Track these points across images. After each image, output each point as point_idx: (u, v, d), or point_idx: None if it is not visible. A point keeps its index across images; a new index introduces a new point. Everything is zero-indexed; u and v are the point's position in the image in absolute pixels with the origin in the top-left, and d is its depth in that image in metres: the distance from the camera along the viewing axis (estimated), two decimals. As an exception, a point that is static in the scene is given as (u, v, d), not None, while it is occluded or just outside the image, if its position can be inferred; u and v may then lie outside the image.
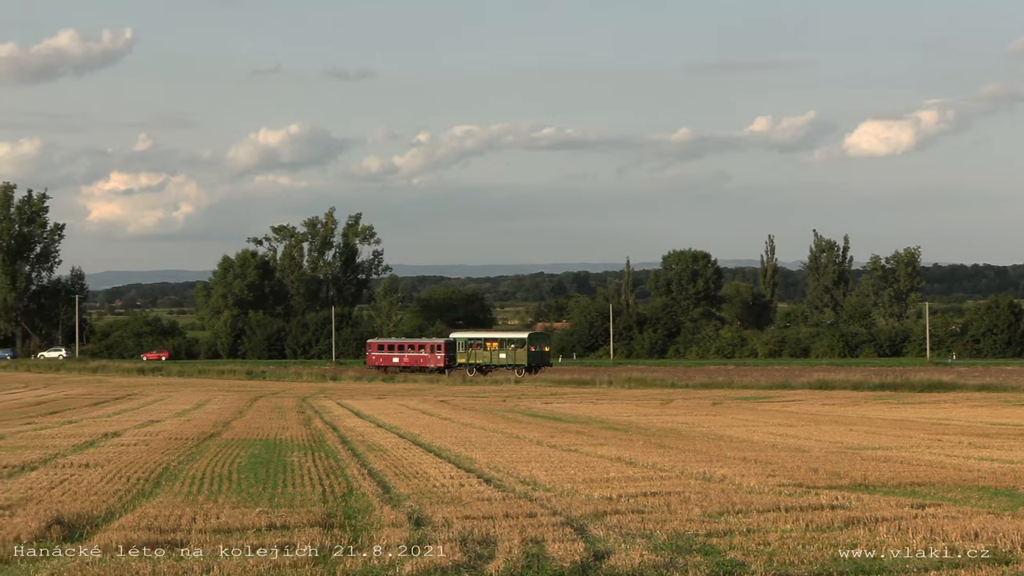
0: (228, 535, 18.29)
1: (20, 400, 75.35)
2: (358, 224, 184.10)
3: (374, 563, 16.26)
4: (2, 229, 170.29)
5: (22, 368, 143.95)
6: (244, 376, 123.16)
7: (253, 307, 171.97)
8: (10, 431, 43.91)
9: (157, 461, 30.92)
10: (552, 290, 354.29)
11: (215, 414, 56.95)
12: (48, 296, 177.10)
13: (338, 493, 24.45)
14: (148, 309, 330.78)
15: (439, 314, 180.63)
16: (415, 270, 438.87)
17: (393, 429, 45.93)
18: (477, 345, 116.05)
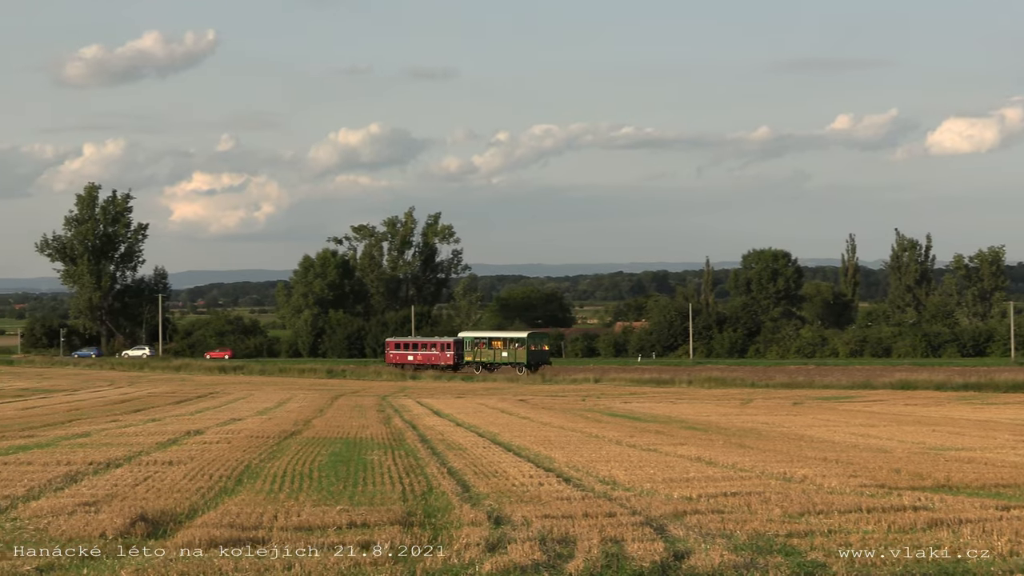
0: (309, 533, 18.39)
1: (105, 398, 76.25)
2: (437, 223, 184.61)
3: (453, 562, 16.29)
4: (87, 229, 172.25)
5: (107, 366, 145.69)
6: (324, 375, 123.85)
7: (333, 306, 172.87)
8: (95, 428, 44.44)
9: (239, 459, 31.16)
10: (631, 289, 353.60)
11: (296, 412, 57.30)
12: (132, 295, 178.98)
13: (418, 492, 24.52)
14: (230, 308, 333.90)
15: (518, 313, 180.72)
16: (494, 269, 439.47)
17: (472, 428, 45.99)
18: (483, 344, 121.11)
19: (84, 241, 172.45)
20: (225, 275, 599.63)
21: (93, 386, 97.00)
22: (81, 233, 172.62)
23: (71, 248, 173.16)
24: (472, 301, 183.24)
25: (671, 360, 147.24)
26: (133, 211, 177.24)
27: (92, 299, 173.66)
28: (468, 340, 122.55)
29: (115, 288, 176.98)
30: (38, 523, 19.28)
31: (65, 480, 25.67)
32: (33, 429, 44.45)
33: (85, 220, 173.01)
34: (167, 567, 15.56)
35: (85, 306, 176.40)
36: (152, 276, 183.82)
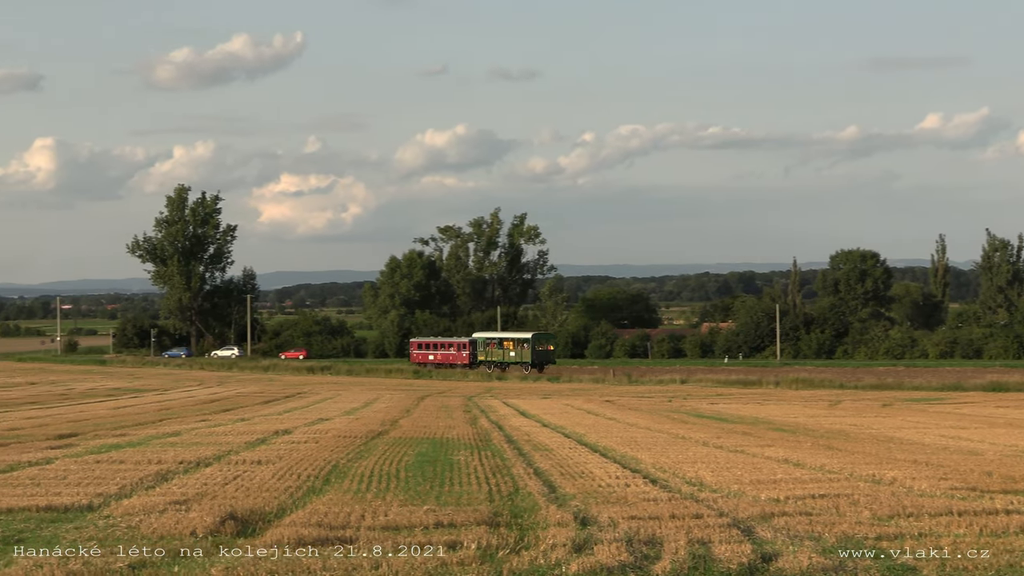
0: (396, 532, 18.47)
1: (195, 398, 77.07)
2: (523, 224, 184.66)
3: (540, 562, 16.29)
4: (177, 230, 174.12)
5: (196, 367, 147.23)
6: (411, 375, 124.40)
7: (420, 307, 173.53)
8: (185, 428, 44.92)
9: (327, 459, 31.35)
10: (718, 290, 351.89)
11: (383, 413, 57.58)
12: (221, 296, 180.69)
13: (504, 492, 24.55)
14: (317, 309, 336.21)
15: (604, 314, 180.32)
16: (580, 270, 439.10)
17: (559, 429, 45.98)
18: (494, 344, 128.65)
19: (174, 242, 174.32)
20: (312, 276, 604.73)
21: (183, 386, 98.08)
22: (171, 234, 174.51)
23: (161, 249, 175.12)
24: (558, 302, 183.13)
25: (758, 361, 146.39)
26: (222, 212, 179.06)
27: (182, 300, 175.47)
28: (481, 340, 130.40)
29: (204, 289, 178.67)
30: (130, 521, 19.52)
31: (156, 479, 25.96)
32: (125, 428, 45.02)
33: (175, 222, 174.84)
34: (256, 566, 15.68)
35: (175, 307, 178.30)
36: (241, 277, 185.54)
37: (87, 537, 17.98)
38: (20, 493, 23.02)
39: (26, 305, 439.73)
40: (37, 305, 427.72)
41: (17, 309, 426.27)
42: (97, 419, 51.92)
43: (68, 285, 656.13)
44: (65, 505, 21.36)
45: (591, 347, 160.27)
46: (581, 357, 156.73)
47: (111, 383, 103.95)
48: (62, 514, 20.59)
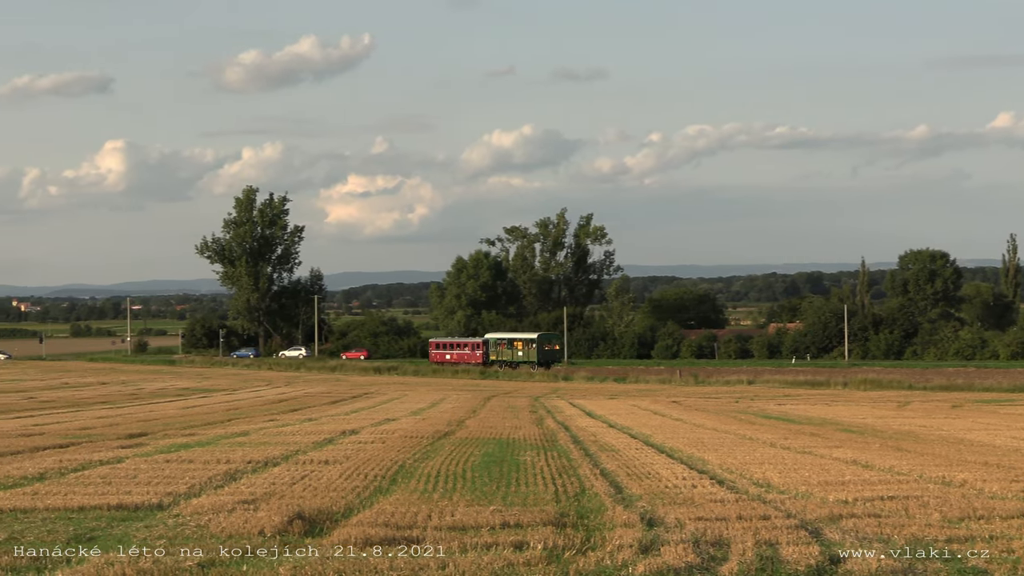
0: (463, 533, 18.49)
1: (263, 398, 77.58)
2: (589, 224, 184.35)
3: (607, 563, 16.27)
4: (245, 232, 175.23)
5: (264, 367, 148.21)
6: (477, 375, 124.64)
7: (486, 307, 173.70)
8: (254, 428, 45.22)
9: (393, 459, 31.45)
10: (785, 290, 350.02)
11: (449, 413, 57.71)
12: (288, 296, 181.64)
13: (570, 493, 24.53)
14: (384, 309, 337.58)
15: (671, 315, 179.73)
16: (646, 270, 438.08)
17: (625, 429, 45.91)
18: (504, 344, 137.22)
19: (242, 243, 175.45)
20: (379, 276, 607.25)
21: (251, 386, 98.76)
22: (239, 235, 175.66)
23: (230, 250, 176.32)
24: (624, 302, 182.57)
25: (826, 362, 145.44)
26: (289, 213, 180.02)
27: (250, 300, 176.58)
28: (492, 341, 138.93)
29: (272, 289, 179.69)
30: (199, 520, 19.67)
31: (225, 478, 26.14)
32: (194, 428, 45.39)
33: (243, 223, 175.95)
34: (324, 565, 15.76)
35: (243, 307, 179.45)
36: (308, 278, 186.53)
37: (157, 536, 18.14)
38: (92, 492, 23.27)
39: (97, 306, 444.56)
40: (108, 306, 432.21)
41: (88, 309, 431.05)
42: (167, 419, 52.38)
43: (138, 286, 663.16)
44: (135, 504, 21.56)
45: (657, 348, 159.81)
46: (647, 358, 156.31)
47: (180, 383, 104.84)
48: (132, 513, 20.79)
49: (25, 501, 21.90)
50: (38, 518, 20.00)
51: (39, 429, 44.16)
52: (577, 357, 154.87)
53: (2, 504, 21.47)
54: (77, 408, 63.05)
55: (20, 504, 21.50)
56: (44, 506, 21.26)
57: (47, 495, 22.80)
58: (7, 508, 21.06)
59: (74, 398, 76.33)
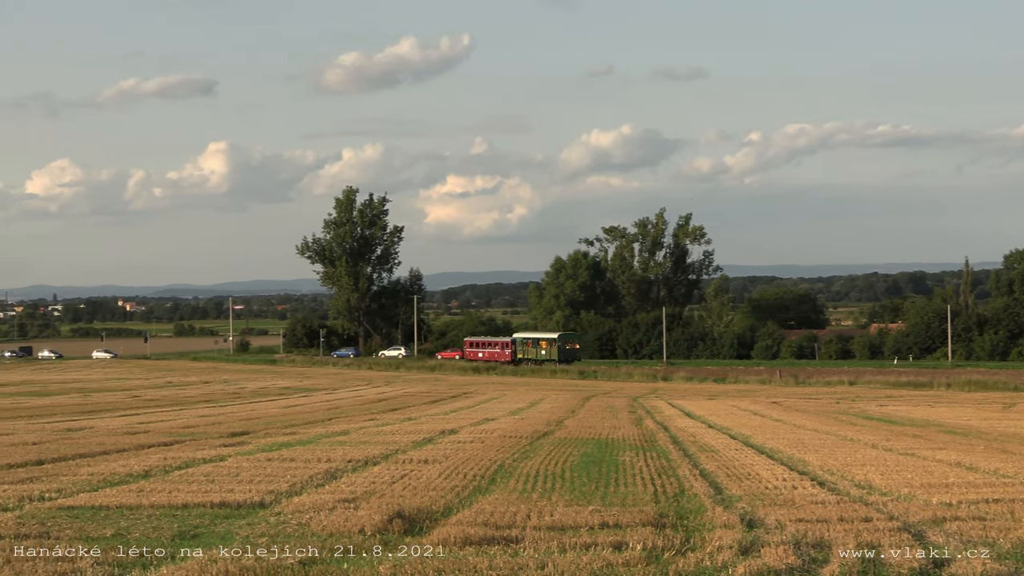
0: (561, 533, 18.49)
1: (363, 397, 78.10)
2: (688, 224, 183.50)
3: (706, 564, 16.20)
4: (345, 232, 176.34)
5: (364, 366, 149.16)
6: (576, 376, 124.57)
7: (585, 307, 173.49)
8: (354, 427, 45.54)
9: (492, 458, 31.52)
10: (887, 290, 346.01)
11: (548, 413, 57.73)
12: (388, 296, 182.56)
13: (670, 493, 24.46)
14: (483, 309, 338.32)
15: (771, 315, 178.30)
16: (746, 270, 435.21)
17: (724, 430, 45.67)
18: (530, 343, 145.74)
19: (342, 243, 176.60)
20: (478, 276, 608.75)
21: (351, 385, 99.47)
22: (339, 236, 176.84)
23: (330, 250, 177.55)
24: (723, 302, 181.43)
25: (928, 363, 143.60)
26: (389, 214, 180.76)
27: (350, 300, 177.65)
28: (519, 340, 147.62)
29: (372, 289, 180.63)
30: (300, 518, 19.85)
31: (325, 477, 26.35)
32: (295, 427, 45.81)
33: (343, 223, 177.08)
34: (423, 564, 15.83)
35: (343, 307, 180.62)
36: (407, 278, 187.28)
37: (259, 534, 18.33)
38: (195, 489, 23.57)
39: (200, 305, 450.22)
40: (211, 305, 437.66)
41: (191, 309, 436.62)
42: (268, 418, 52.91)
43: (240, 286, 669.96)
44: (238, 502, 21.80)
45: (757, 348, 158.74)
46: (747, 358, 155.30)
47: (281, 382, 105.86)
48: (235, 510, 21.02)
49: (131, 498, 22.24)
50: (143, 515, 20.30)
51: (144, 427, 44.82)
52: (676, 358, 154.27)
53: (109, 501, 21.81)
54: (180, 407, 63.89)
55: (126, 501, 21.84)
56: (149, 503, 21.57)
57: (152, 492, 23.13)
58: (114, 505, 21.39)
59: (178, 397, 77.36)
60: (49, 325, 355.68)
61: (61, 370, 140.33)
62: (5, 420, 50.18)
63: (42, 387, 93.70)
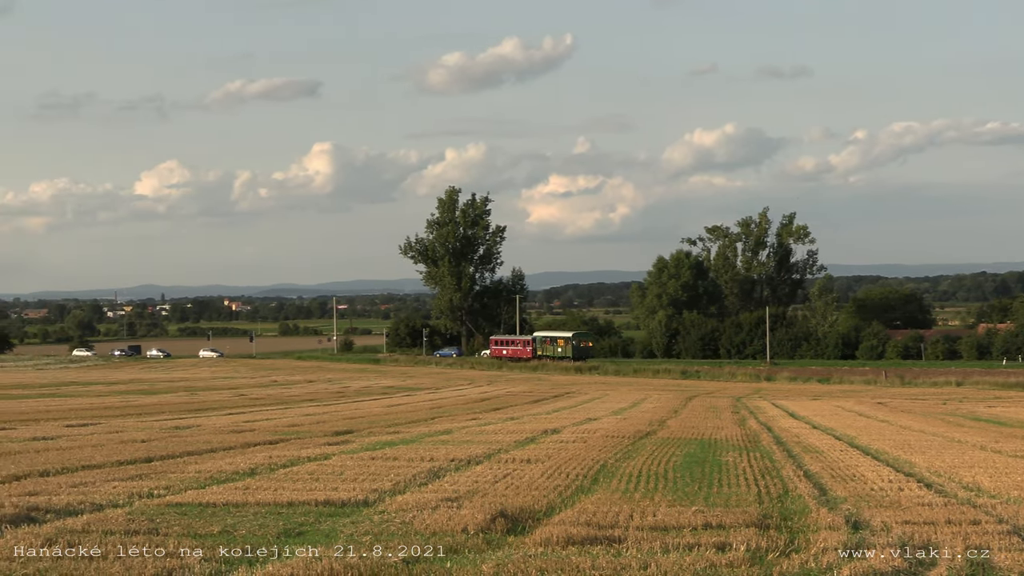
0: (664, 533, 18.43)
1: (465, 397, 78.37)
2: (792, 224, 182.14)
3: (811, 566, 16.07)
4: (448, 232, 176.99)
5: (466, 366, 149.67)
6: (678, 375, 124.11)
7: (687, 307, 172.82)
8: (456, 426, 45.71)
9: (595, 458, 31.50)
10: (995, 290, 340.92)
11: (650, 413, 57.58)
12: (490, 296, 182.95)
13: (773, 494, 24.30)
14: (584, 309, 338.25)
15: (876, 315, 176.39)
16: (850, 270, 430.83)
17: (828, 431, 45.27)
18: (548, 341, 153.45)
19: (445, 243, 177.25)
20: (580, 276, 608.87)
21: (454, 385, 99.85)
22: (442, 236, 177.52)
23: (433, 250, 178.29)
24: (827, 302, 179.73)
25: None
26: (491, 214, 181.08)
27: (453, 300, 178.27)
28: (538, 338, 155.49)
29: (474, 289, 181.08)
30: (404, 516, 19.95)
31: (429, 476, 26.48)
32: (398, 426, 46.08)
33: (446, 223, 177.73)
34: (526, 563, 15.85)
35: (446, 307, 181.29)
36: (510, 277, 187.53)
37: (363, 532, 18.46)
38: (300, 488, 23.79)
39: (304, 305, 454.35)
40: (315, 305, 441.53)
41: (296, 309, 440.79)
42: (371, 416, 53.28)
43: (344, 286, 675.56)
44: (342, 500, 21.97)
45: (862, 348, 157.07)
46: (851, 358, 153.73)
47: (384, 381, 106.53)
48: (339, 509, 21.19)
49: (237, 496, 22.50)
50: (249, 512, 20.52)
51: (250, 425, 45.33)
52: (779, 358, 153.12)
53: (215, 498, 22.08)
54: (285, 405, 64.52)
55: (232, 498, 22.09)
56: (255, 501, 21.81)
57: (258, 490, 23.38)
58: (220, 502, 21.65)
59: (282, 396, 78.14)
60: (157, 324, 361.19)
61: (169, 369, 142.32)
62: (115, 418, 50.98)
63: (150, 385, 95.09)
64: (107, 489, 23.51)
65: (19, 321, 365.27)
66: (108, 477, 25.84)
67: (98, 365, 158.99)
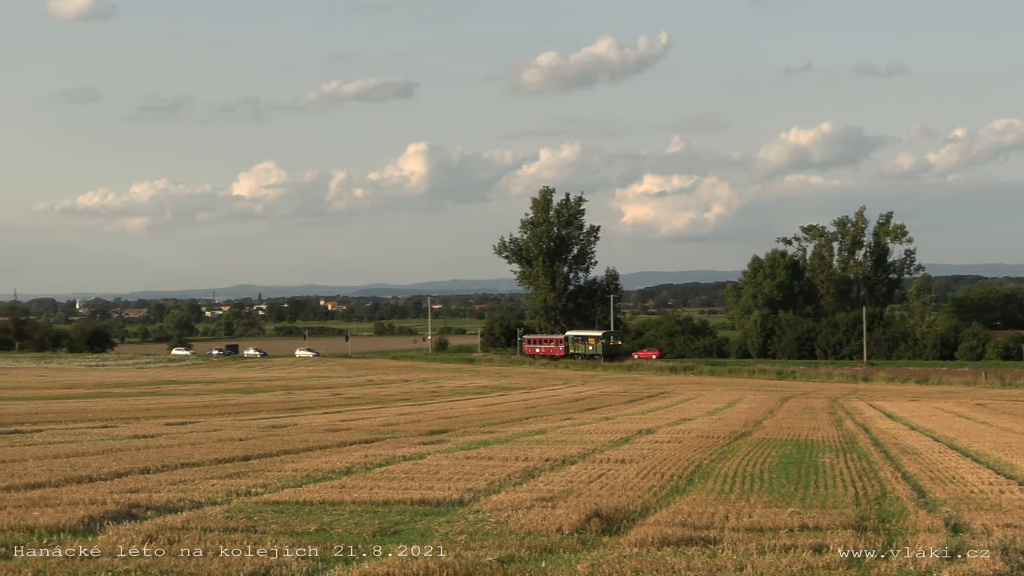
0: (760, 534, 18.33)
1: (560, 396, 78.40)
2: (889, 223, 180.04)
3: (909, 568, 15.90)
4: (542, 232, 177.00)
5: (560, 366, 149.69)
6: (774, 376, 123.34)
7: (783, 307, 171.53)
8: (551, 426, 45.74)
9: (689, 459, 31.39)
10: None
11: (746, 413, 57.27)
12: (584, 296, 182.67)
13: (871, 496, 24.07)
14: (679, 309, 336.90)
15: (975, 315, 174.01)
16: (949, 269, 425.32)
17: (927, 432, 44.77)
18: (580, 340, 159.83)
19: (539, 243, 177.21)
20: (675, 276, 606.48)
21: (548, 384, 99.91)
22: (536, 236, 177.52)
23: (527, 250, 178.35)
24: (926, 302, 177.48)
25: None
26: (585, 213, 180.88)
27: (547, 299, 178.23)
28: (571, 337, 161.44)
29: (568, 289, 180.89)
30: (498, 516, 19.99)
31: (523, 475, 26.52)
32: (493, 425, 46.19)
33: (540, 223, 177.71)
34: (621, 564, 15.82)
35: (540, 306, 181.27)
36: (604, 277, 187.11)
37: (458, 531, 18.51)
38: (396, 486, 23.92)
39: (399, 305, 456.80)
40: (410, 305, 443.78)
41: (391, 309, 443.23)
42: (466, 416, 53.45)
43: (438, 286, 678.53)
44: (437, 499, 22.06)
45: (961, 348, 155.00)
46: (950, 359, 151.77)
47: (479, 381, 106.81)
48: (434, 508, 21.28)
49: (333, 494, 22.67)
50: (346, 511, 20.67)
51: (345, 424, 45.66)
52: (876, 358, 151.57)
53: (312, 497, 22.27)
54: (381, 405, 64.92)
55: (329, 497, 22.27)
56: (351, 499, 21.96)
57: (353, 489, 23.54)
58: (317, 501, 21.83)
59: (377, 395, 78.62)
60: (254, 324, 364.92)
61: (266, 368, 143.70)
62: (213, 416, 51.59)
63: (247, 384, 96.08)
64: (206, 487, 23.80)
65: (120, 321, 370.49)
66: (207, 475, 26.16)
67: (196, 364, 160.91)
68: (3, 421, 46.18)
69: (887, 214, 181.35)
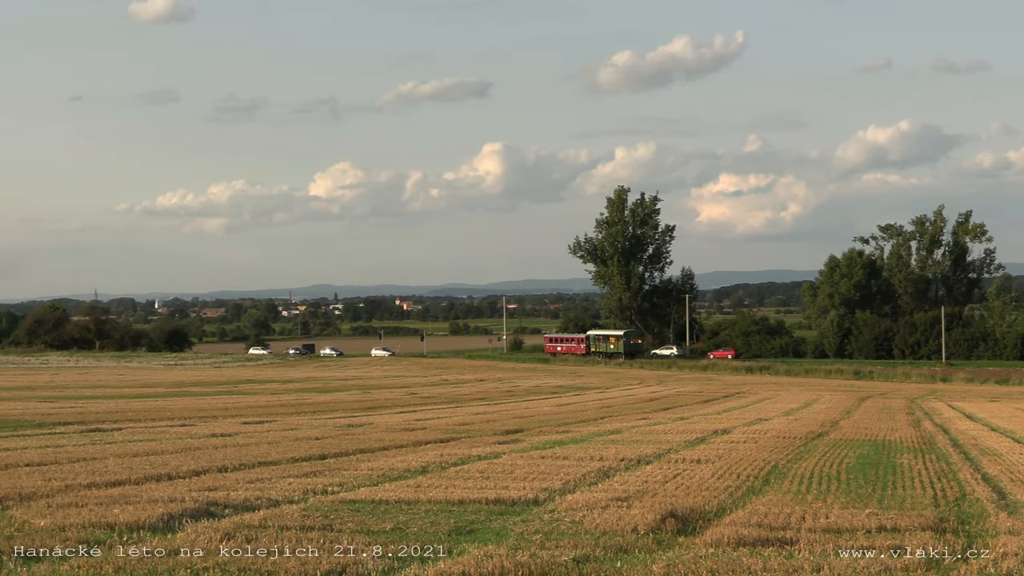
0: (837, 535, 18.21)
1: (635, 396, 78.25)
2: (968, 222, 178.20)
3: (990, 571, 15.75)
4: (617, 231, 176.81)
5: (636, 365, 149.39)
6: (851, 376, 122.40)
7: (860, 306, 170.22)
8: (626, 426, 45.68)
9: (765, 459, 31.24)
10: None
11: (822, 413, 56.89)
12: (660, 295, 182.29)
13: (950, 497, 23.85)
14: (755, 308, 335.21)
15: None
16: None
17: (1007, 433, 44.29)
18: (601, 339, 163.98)
19: (614, 243, 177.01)
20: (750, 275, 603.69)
21: (623, 384, 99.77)
22: (611, 235, 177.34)
23: (602, 250, 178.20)
24: (1006, 302, 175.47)
25: None
26: (660, 213, 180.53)
27: (622, 299, 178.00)
28: (592, 336, 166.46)
29: (643, 289, 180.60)
30: (573, 516, 20.00)
31: (598, 475, 26.51)
32: (568, 425, 46.20)
33: (615, 222, 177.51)
34: (697, 564, 15.78)
35: (615, 306, 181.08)
36: (679, 277, 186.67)
37: (533, 531, 18.54)
38: (471, 486, 23.99)
39: (474, 304, 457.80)
40: (485, 304, 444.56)
41: (466, 308, 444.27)
42: (541, 416, 53.48)
43: (513, 285, 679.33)
44: (512, 499, 22.10)
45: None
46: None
47: (554, 381, 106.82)
48: (509, 507, 21.31)
49: (409, 493, 22.76)
50: (421, 510, 20.75)
51: (421, 424, 45.84)
52: (955, 358, 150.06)
53: (388, 495, 22.37)
54: (456, 404, 65.09)
55: (404, 496, 22.36)
56: (426, 498, 22.04)
57: (429, 488, 23.63)
58: (393, 499, 21.93)
59: (453, 394, 78.83)
60: (330, 323, 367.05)
61: (342, 367, 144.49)
62: (290, 415, 51.95)
63: (324, 384, 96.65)
64: (283, 485, 23.97)
65: (198, 320, 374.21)
66: (283, 474, 26.35)
67: (273, 363, 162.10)
68: (84, 419, 46.78)
69: (966, 212, 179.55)
